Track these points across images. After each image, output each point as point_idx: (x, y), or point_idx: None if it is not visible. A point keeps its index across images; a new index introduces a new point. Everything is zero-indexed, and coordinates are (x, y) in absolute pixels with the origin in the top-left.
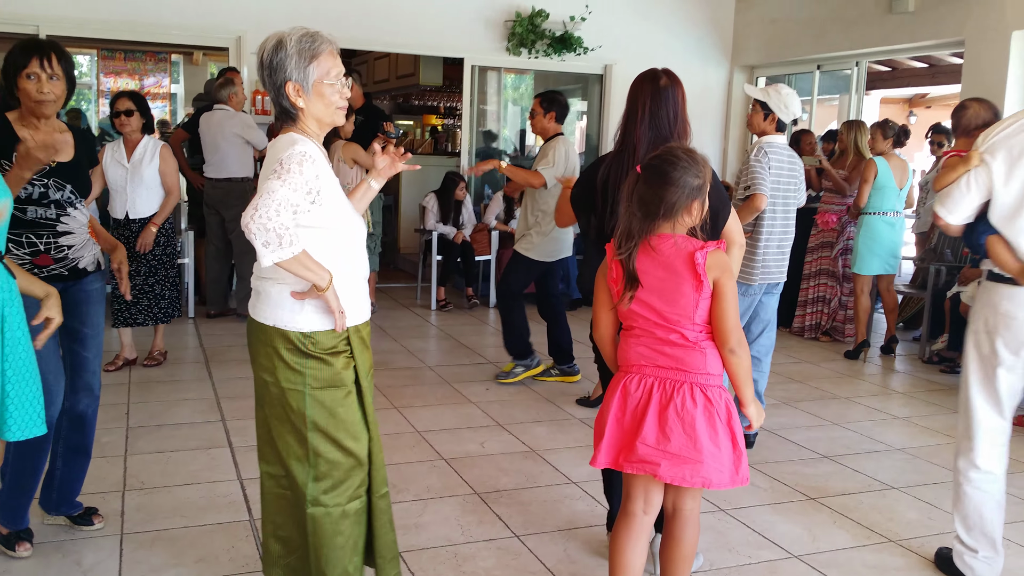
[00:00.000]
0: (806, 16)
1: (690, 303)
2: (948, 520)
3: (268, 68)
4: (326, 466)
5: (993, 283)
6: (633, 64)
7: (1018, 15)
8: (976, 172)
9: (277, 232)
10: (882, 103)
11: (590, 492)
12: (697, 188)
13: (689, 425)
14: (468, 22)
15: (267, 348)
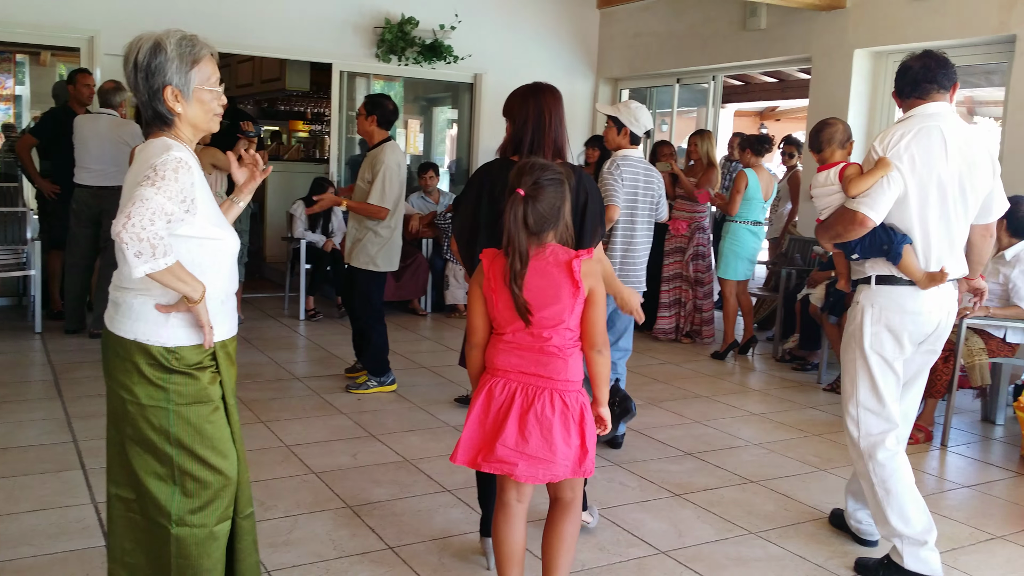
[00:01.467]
0: (666, 32)
1: (566, 308)
2: (803, 510)
3: (144, 71)
4: (193, 485)
5: (892, 286)
6: (503, 74)
7: (859, 35)
8: (891, 176)
9: (151, 242)
10: (736, 116)
11: (464, 499)
12: (566, 198)
13: (547, 429)
14: (336, 27)
15: (126, 363)
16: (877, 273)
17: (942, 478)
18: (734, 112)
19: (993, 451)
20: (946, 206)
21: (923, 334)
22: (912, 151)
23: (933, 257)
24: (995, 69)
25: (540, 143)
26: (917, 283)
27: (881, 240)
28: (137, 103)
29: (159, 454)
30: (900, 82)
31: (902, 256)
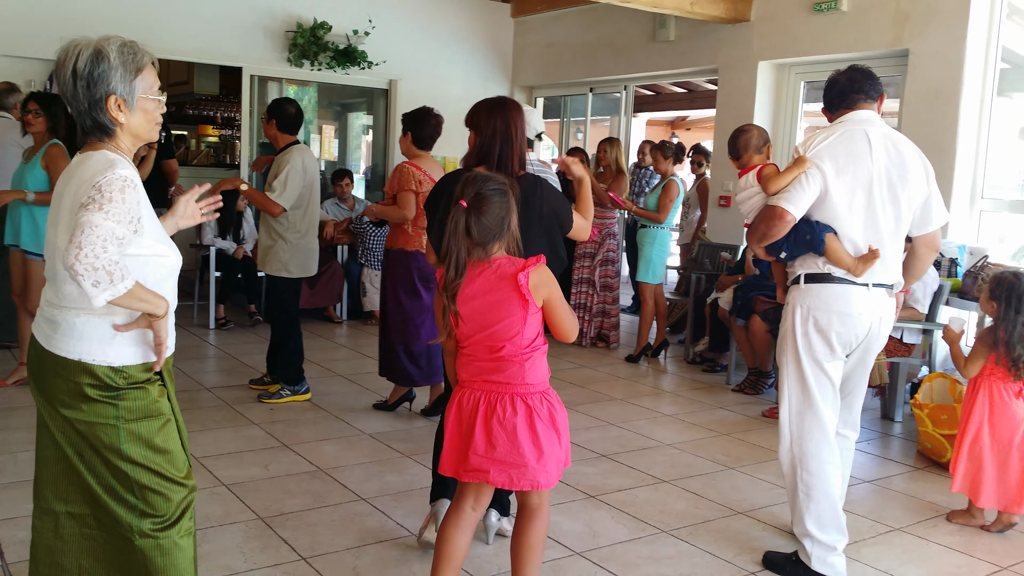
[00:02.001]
0: (579, 42)
1: (517, 321)
2: (713, 508)
3: (85, 79)
4: (155, 498)
5: (821, 284)
6: (418, 80)
7: (763, 47)
8: (810, 173)
9: (107, 269)
10: (648, 125)
11: (380, 508)
12: (511, 209)
13: (511, 433)
14: (247, 30)
15: (68, 383)
16: (806, 271)
17: None
18: (646, 121)
19: (892, 447)
20: (873, 206)
21: (854, 336)
22: (835, 151)
23: (855, 245)
24: (890, 82)
25: (508, 156)
26: (850, 270)
27: (804, 232)
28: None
29: (113, 469)
30: (828, 96)
31: (826, 244)
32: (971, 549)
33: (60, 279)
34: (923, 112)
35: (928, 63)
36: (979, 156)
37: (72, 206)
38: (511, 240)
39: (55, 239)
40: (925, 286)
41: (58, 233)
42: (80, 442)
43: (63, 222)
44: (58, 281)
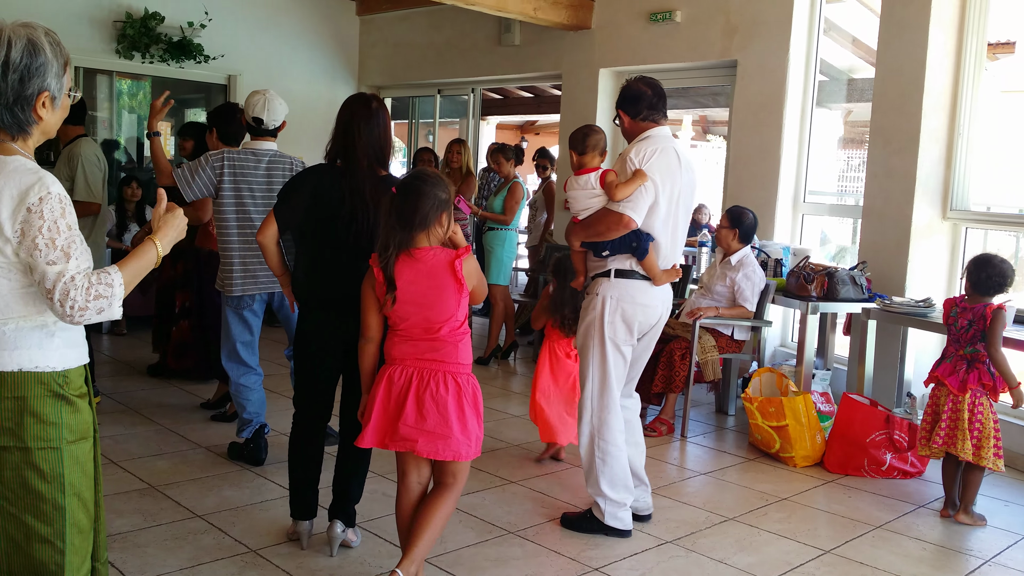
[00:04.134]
0: (425, 43)
1: (452, 304)
2: (559, 506)
3: (18, 72)
4: (78, 538)
5: (628, 280)
6: (260, 76)
7: (603, 55)
8: (647, 185)
9: (105, 296)
10: (499, 128)
11: (216, 524)
12: (444, 201)
13: (442, 406)
14: (71, 19)
15: (7, 403)
16: (617, 267)
17: (682, 467)
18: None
19: (726, 439)
20: (677, 217)
21: (648, 324)
22: (660, 165)
23: (664, 257)
24: (721, 91)
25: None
26: (654, 279)
27: (630, 239)
28: None
29: (45, 508)
30: (636, 105)
31: (648, 252)
32: (797, 535)
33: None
34: (750, 121)
35: (754, 74)
36: (801, 163)
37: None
38: (438, 231)
39: None
40: (753, 286)
41: None
42: (11, 478)
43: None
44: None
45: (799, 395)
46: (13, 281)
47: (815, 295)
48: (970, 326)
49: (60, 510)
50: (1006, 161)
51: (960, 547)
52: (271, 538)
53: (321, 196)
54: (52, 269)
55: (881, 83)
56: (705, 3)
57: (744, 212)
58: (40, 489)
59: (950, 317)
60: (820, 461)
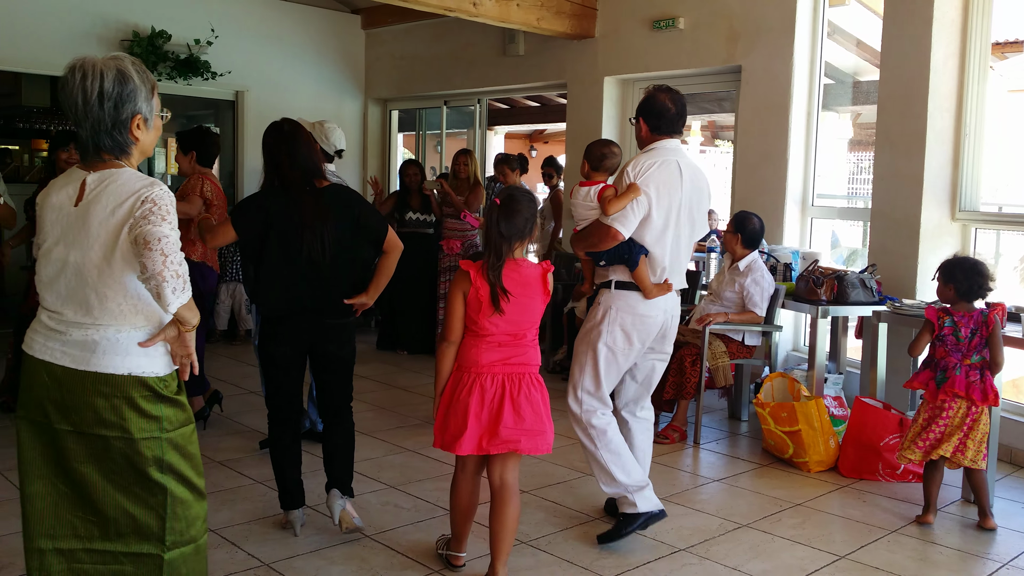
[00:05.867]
0: (430, 55)
1: (539, 312)
2: (574, 516)
3: (112, 100)
4: (181, 508)
5: (628, 291)
6: (266, 91)
7: (607, 63)
8: (639, 200)
9: (184, 277)
10: (507, 138)
11: (230, 539)
12: (535, 214)
13: (535, 406)
14: (78, 39)
15: (113, 400)
16: (617, 279)
17: (695, 474)
18: (505, 134)
19: (739, 446)
20: (678, 228)
21: (650, 335)
22: (658, 179)
23: (660, 270)
24: (726, 96)
25: (283, 170)
26: (645, 292)
27: (623, 250)
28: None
29: (149, 485)
30: (658, 119)
31: (638, 265)
32: (812, 541)
33: (98, 298)
34: (756, 126)
35: (759, 79)
36: (808, 166)
37: (107, 223)
38: (530, 242)
39: (82, 259)
40: (763, 291)
41: (90, 251)
42: (120, 460)
43: (98, 239)
44: (94, 300)
45: (812, 399)
46: (129, 292)
47: (825, 299)
48: (973, 335)
49: (162, 487)
50: (1016, 160)
51: (978, 551)
52: (286, 550)
53: (271, 213)
54: (157, 265)
55: (886, 85)
56: (708, 10)
57: (749, 217)
58: (145, 470)
59: (944, 328)
60: (834, 466)
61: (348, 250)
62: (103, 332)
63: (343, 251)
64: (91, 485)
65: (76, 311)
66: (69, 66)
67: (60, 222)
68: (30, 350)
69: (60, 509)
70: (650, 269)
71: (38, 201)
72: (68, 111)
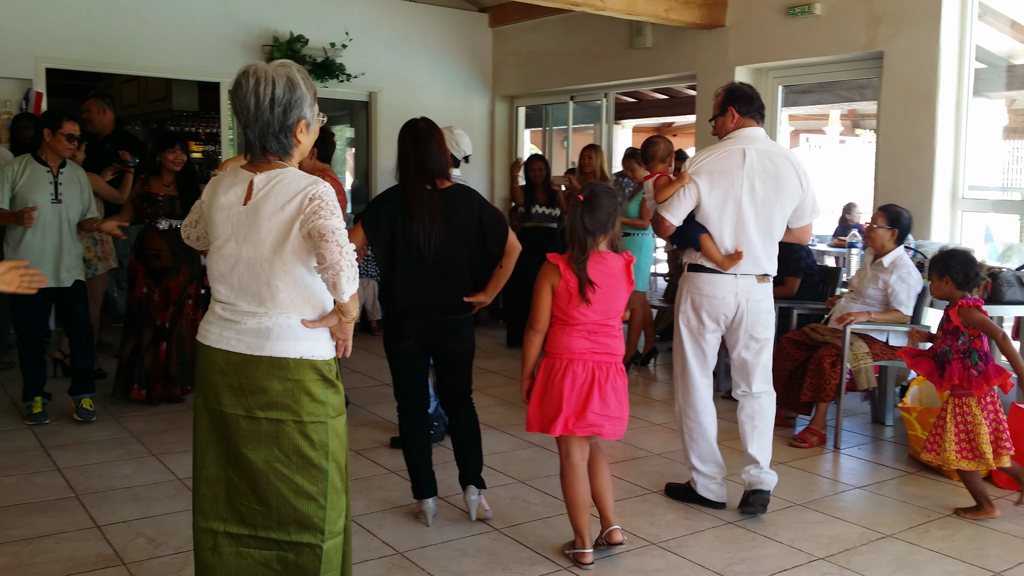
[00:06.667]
0: (557, 50)
1: (623, 302)
2: (706, 516)
3: (281, 105)
4: (334, 496)
5: (696, 273)
6: (398, 91)
7: (739, 52)
8: (687, 187)
9: (356, 268)
10: (635, 132)
11: (365, 526)
12: (617, 209)
13: (619, 394)
14: (223, 46)
15: (287, 384)
16: (689, 262)
17: (835, 480)
18: (632, 128)
19: (883, 451)
20: (743, 214)
21: (720, 314)
22: (711, 168)
23: (726, 250)
24: (867, 84)
25: (410, 170)
26: (718, 264)
27: (686, 232)
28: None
29: (312, 471)
30: (748, 104)
31: (700, 242)
32: (964, 555)
33: (270, 289)
34: (900, 113)
35: (903, 65)
36: (959, 156)
37: (277, 219)
38: (614, 237)
39: (254, 253)
40: (909, 288)
41: (261, 246)
42: (287, 444)
43: (269, 235)
44: (266, 292)
45: None
46: (298, 282)
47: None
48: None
49: (323, 473)
50: None
51: None
52: (419, 540)
53: (391, 211)
54: (334, 255)
55: None
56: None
57: (902, 211)
58: (309, 455)
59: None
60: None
61: (469, 249)
62: (276, 319)
63: (463, 250)
64: (257, 473)
65: (249, 302)
66: (242, 71)
67: (230, 220)
68: (205, 340)
69: (231, 496)
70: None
71: (204, 198)
72: (238, 114)
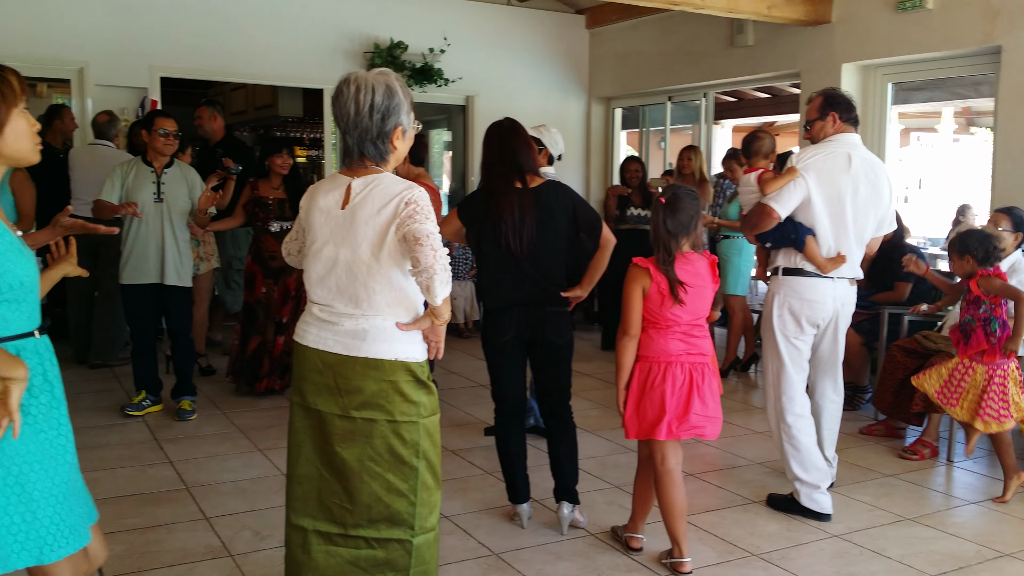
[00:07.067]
0: (655, 50)
1: (710, 300)
2: (806, 530)
3: (380, 112)
4: (425, 494)
5: (794, 276)
6: (495, 95)
7: (846, 49)
8: (797, 181)
9: (449, 272)
10: (735, 131)
11: (461, 526)
12: (699, 211)
13: (715, 394)
14: (327, 53)
15: (382, 384)
16: (784, 265)
17: (948, 494)
18: (732, 128)
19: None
20: (844, 218)
21: (819, 318)
22: (819, 167)
23: (828, 250)
24: (983, 80)
25: (496, 169)
26: (819, 267)
27: (789, 231)
28: (347, 137)
29: (403, 469)
30: (848, 110)
31: (805, 244)
32: None
33: (366, 291)
34: (1020, 111)
35: (1023, 59)
36: None
37: (374, 223)
38: (696, 239)
39: (352, 256)
40: None
41: (358, 249)
42: (380, 443)
43: (366, 238)
44: (363, 294)
45: None
46: (394, 285)
47: None
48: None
49: (414, 470)
50: None
51: None
52: (514, 542)
53: (481, 209)
54: (428, 259)
55: None
56: None
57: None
58: (401, 453)
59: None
60: None
61: (562, 244)
62: (372, 321)
63: (557, 245)
64: (350, 471)
65: (346, 304)
66: (344, 79)
67: (329, 224)
68: (303, 340)
69: (322, 494)
70: (820, 249)
71: (302, 205)
72: (339, 119)
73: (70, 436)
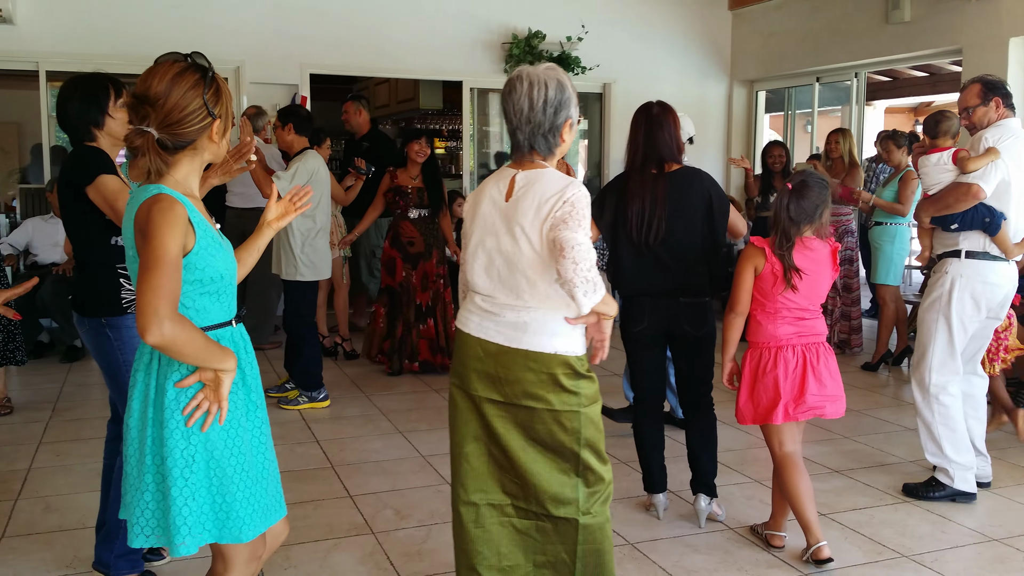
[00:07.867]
0: (803, 30)
1: (827, 287)
2: (962, 533)
3: (552, 107)
4: (593, 478)
5: (980, 260)
6: (632, 82)
7: (1015, 22)
8: (999, 161)
9: (593, 280)
10: (887, 113)
11: None
12: (827, 200)
13: (833, 373)
14: (466, 45)
15: (540, 375)
16: (968, 248)
17: None
18: (885, 109)
19: None
20: (1020, 204)
21: (996, 302)
22: (1013, 151)
23: (1015, 234)
24: None
25: (637, 154)
26: (1006, 252)
27: (983, 214)
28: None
29: (565, 453)
30: (1009, 97)
31: (1000, 229)
32: None
33: (528, 283)
34: None
35: None
36: None
37: (534, 215)
38: (820, 227)
39: (513, 248)
40: None
41: (519, 241)
42: (541, 428)
43: (525, 231)
44: (524, 285)
45: None
46: (550, 279)
47: None
48: None
49: (576, 456)
50: None
51: None
52: (650, 532)
53: (617, 197)
54: (568, 272)
55: None
56: None
57: None
58: (562, 440)
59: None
60: None
61: (700, 231)
62: (532, 314)
63: (693, 232)
64: (513, 452)
65: (508, 295)
66: (515, 76)
67: (492, 215)
68: (465, 328)
69: (491, 468)
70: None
71: (469, 199)
72: (510, 115)
73: (265, 419)
